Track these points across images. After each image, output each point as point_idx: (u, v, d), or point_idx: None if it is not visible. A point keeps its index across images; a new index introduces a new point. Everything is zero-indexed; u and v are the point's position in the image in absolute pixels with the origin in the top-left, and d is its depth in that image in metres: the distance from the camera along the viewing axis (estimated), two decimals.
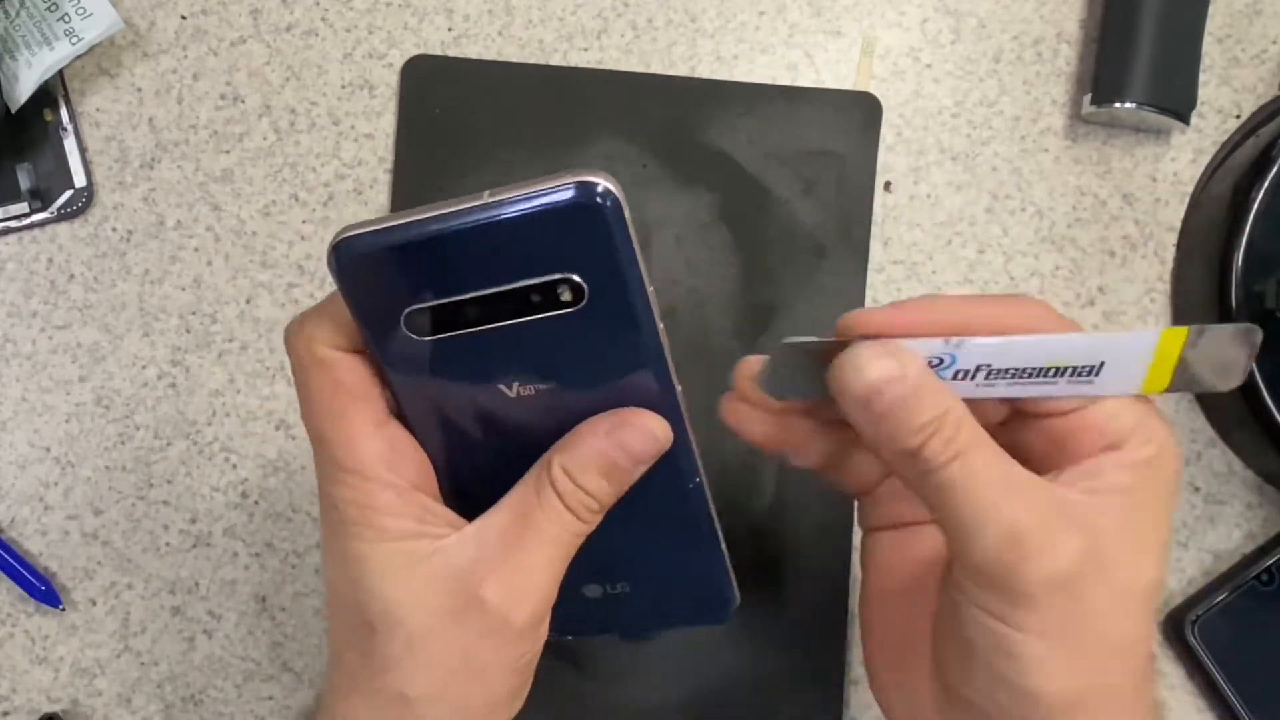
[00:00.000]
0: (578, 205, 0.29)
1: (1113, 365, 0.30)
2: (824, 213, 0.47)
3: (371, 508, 0.31)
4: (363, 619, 0.31)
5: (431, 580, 0.31)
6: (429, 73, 0.48)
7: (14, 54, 0.45)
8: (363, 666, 0.31)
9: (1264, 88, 0.48)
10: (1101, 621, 0.28)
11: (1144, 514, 0.29)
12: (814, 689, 0.46)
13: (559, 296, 0.30)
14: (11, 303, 0.47)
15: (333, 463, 0.31)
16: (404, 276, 0.30)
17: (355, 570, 0.31)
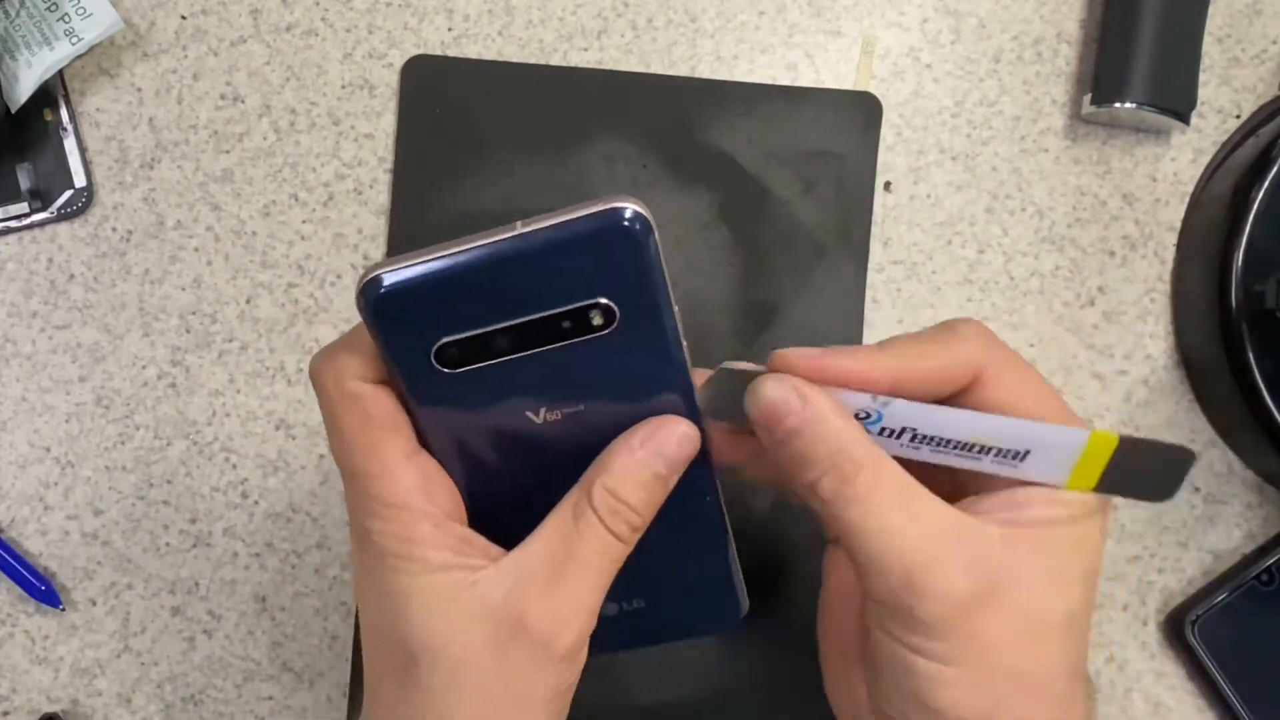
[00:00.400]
0: (608, 230, 0.30)
1: (1039, 454, 0.31)
2: (824, 213, 0.47)
3: (410, 540, 0.31)
4: (404, 651, 0.31)
5: (474, 611, 0.31)
6: (429, 73, 0.48)
7: (14, 54, 0.45)
8: (402, 700, 0.31)
9: (1264, 88, 0.48)
10: (1005, 653, 0.29)
11: (1061, 547, 0.30)
12: (815, 690, 0.46)
13: (590, 321, 0.30)
14: (11, 303, 0.47)
15: (368, 496, 0.31)
16: (435, 311, 0.30)
17: (396, 603, 0.31)
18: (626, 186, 0.47)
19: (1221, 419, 0.47)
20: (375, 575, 0.31)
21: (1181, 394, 0.47)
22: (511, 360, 0.31)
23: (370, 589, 0.32)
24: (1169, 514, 0.47)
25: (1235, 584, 0.45)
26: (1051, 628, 0.30)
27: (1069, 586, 0.30)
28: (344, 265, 0.47)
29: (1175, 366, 0.47)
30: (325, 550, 0.47)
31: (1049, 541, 0.30)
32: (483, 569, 0.31)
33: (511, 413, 0.32)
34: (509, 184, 0.47)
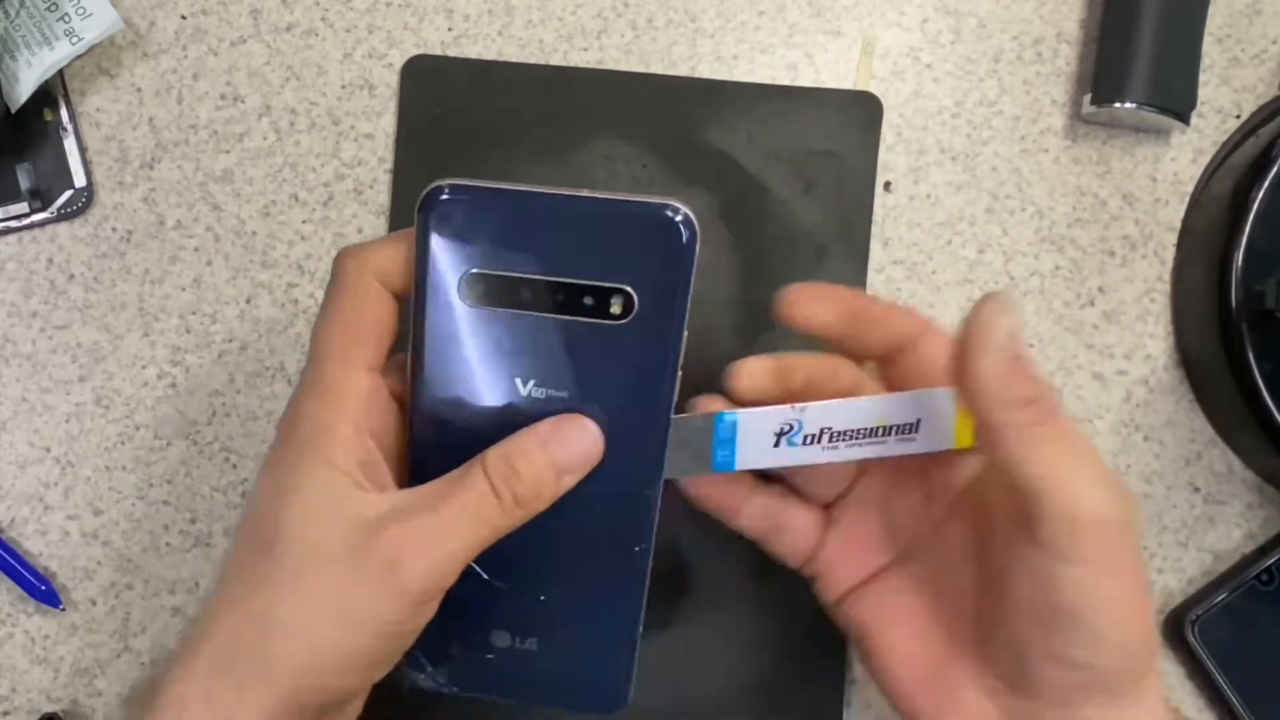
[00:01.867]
0: (659, 222, 0.31)
1: (927, 422, 0.33)
2: (824, 213, 0.47)
3: (328, 433, 0.31)
4: (271, 527, 0.31)
5: (342, 517, 0.31)
6: (429, 72, 0.48)
7: (14, 54, 0.45)
8: (241, 582, 0.31)
9: (1264, 88, 0.48)
10: (1132, 572, 0.30)
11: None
12: (815, 689, 0.46)
13: (609, 306, 0.31)
14: (11, 303, 0.47)
15: (320, 379, 0.32)
16: (476, 238, 0.31)
17: (283, 479, 0.31)
18: (626, 186, 0.47)
19: (1221, 419, 0.47)
20: (282, 452, 0.32)
21: (1181, 394, 0.47)
22: (523, 316, 0.31)
23: (270, 466, 0.32)
24: (1169, 514, 0.47)
25: (1235, 584, 0.45)
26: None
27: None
28: None
29: (1175, 366, 0.47)
30: None
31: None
32: (368, 491, 0.31)
33: (500, 373, 0.32)
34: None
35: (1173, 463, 0.47)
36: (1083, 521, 0.29)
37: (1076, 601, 0.30)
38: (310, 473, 0.31)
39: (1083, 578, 0.29)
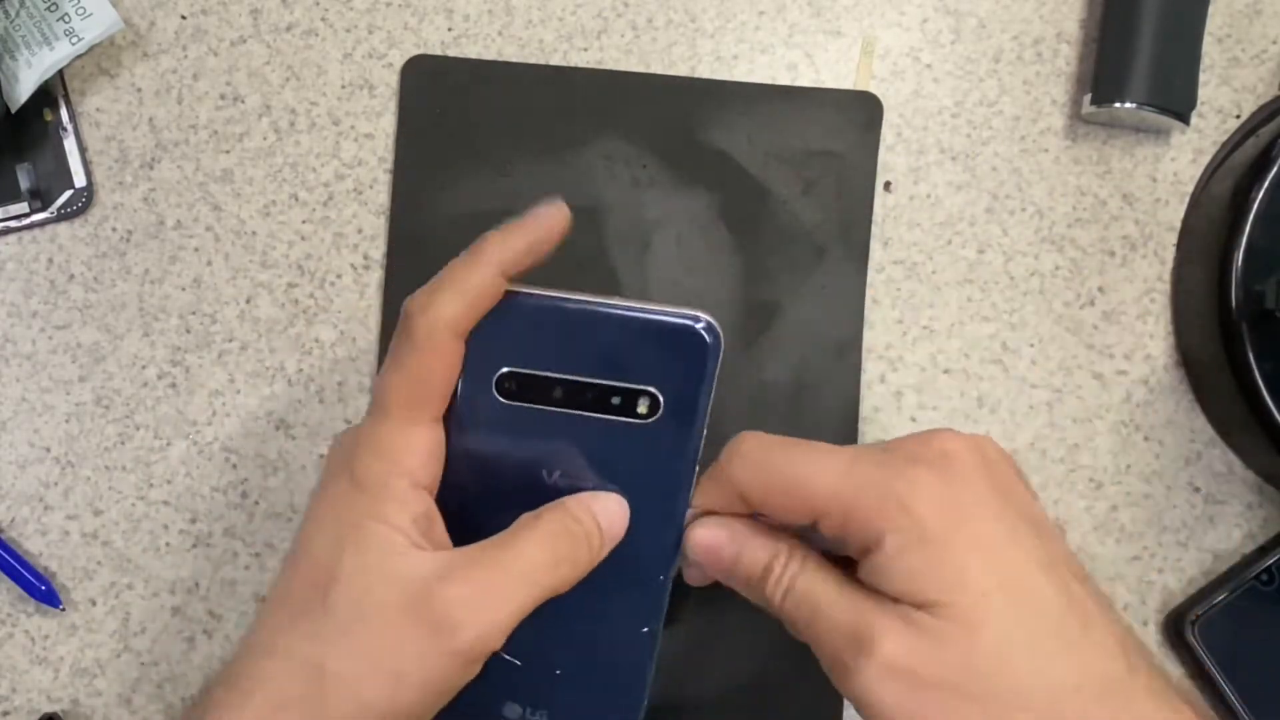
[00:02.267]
0: (685, 332, 0.33)
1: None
2: (824, 213, 0.47)
3: (387, 488, 0.33)
4: (328, 573, 0.32)
5: (398, 576, 0.32)
6: (429, 72, 0.48)
7: (14, 54, 0.45)
8: (294, 629, 0.32)
9: (1264, 88, 0.48)
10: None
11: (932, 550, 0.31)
12: (813, 685, 0.46)
13: (635, 406, 0.34)
14: (11, 303, 0.47)
15: (382, 433, 0.33)
16: (519, 338, 0.34)
17: (342, 533, 0.32)
18: (627, 186, 0.47)
19: (1221, 419, 0.47)
20: (342, 500, 0.33)
21: (1181, 394, 0.47)
22: (553, 413, 0.34)
23: (325, 511, 0.33)
24: (1169, 514, 0.47)
25: (1235, 584, 0.45)
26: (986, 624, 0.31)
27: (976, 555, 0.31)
28: (344, 265, 0.47)
29: (1175, 366, 0.47)
30: None
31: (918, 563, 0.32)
32: (425, 549, 0.32)
33: (529, 462, 0.34)
34: (508, 184, 0.47)
35: (1173, 463, 0.47)
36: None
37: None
38: (369, 528, 0.32)
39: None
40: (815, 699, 0.46)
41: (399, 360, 0.33)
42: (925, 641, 0.31)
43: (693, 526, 0.35)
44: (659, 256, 0.47)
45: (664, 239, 0.47)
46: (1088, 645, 0.31)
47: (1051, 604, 0.31)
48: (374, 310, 0.47)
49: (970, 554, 0.31)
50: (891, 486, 0.31)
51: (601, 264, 0.47)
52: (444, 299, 0.33)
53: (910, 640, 0.31)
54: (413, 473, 0.33)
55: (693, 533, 0.35)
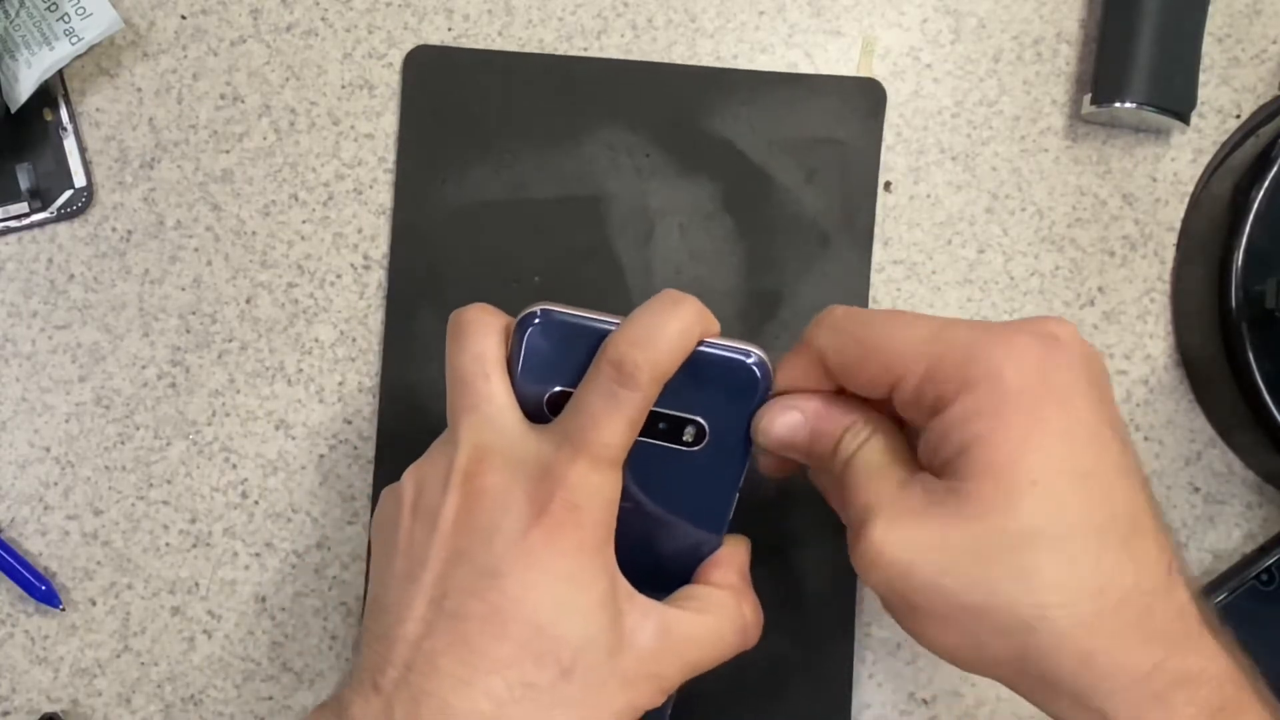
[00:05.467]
0: (735, 366, 0.34)
1: None
2: (828, 200, 0.47)
3: (610, 543, 0.33)
4: (556, 650, 0.31)
5: (629, 642, 0.33)
6: (431, 63, 0.48)
7: (14, 54, 0.45)
8: (533, 701, 0.31)
9: (1264, 88, 0.48)
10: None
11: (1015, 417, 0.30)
12: (823, 678, 0.46)
13: (682, 433, 0.34)
14: (11, 303, 0.47)
15: (609, 481, 0.33)
16: (569, 360, 0.34)
17: (567, 596, 0.32)
18: (630, 175, 0.47)
19: (1221, 419, 0.47)
20: (552, 557, 0.32)
21: (1181, 394, 0.47)
22: None
23: (538, 554, 0.32)
24: (1169, 514, 0.47)
25: (1235, 584, 0.45)
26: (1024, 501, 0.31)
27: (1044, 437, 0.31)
28: (344, 265, 0.47)
29: (1175, 366, 0.47)
30: (325, 550, 0.47)
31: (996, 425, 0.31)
32: (640, 610, 0.33)
33: None
34: (512, 174, 0.47)
35: (1173, 463, 0.47)
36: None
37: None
38: (598, 589, 0.32)
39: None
40: (825, 690, 0.46)
41: (622, 409, 0.32)
42: (931, 524, 0.30)
43: (761, 413, 0.34)
44: (662, 245, 0.47)
45: (667, 228, 0.47)
46: (1125, 553, 0.30)
47: (1107, 502, 0.30)
48: (374, 310, 0.47)
49: (1039, 436, 0.30)
50: (985, 348, 0.30)
51: (605, 253, 0.47)
52: (670, 359, 0.33)
53: (906, 524, 0.30)
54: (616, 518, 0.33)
55: (764, 420, 0.34)
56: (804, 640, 0.46)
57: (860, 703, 0.46)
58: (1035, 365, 0.30)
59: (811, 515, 0.46)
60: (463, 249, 0.47)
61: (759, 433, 0.34)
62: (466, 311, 0.35)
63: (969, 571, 0.30)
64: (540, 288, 0.47)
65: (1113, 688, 0.30)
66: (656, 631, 0.33)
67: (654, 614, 0.33)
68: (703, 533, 0.36)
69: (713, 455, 0.34)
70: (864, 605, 0.46)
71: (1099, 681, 0.30)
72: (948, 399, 0.30)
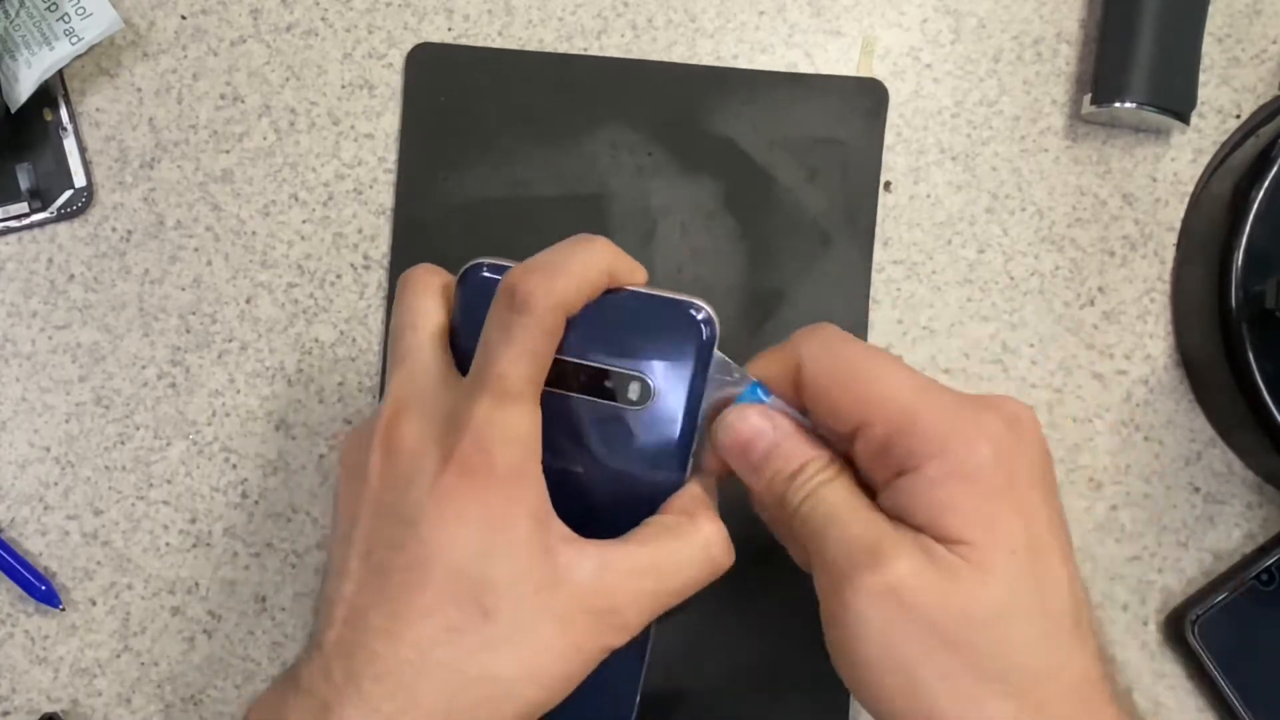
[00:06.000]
0: (684, 314, 0.33)
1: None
2: (829, 200, 0.47)
3: (528, 476, 0.32)
4: (480, 595, 0.31)
5: (561, 575, 0.32)
6: (433, 61, 0.48)
7: (14, 54, 0.45)
8: (452, 642, 0.31)
9: (1264, 88, 0.48)
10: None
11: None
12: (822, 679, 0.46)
13: (627, 391, 0.33)
14: (11, 303, 0.47)
15: (514, 415, 0.32)
16: None
17: (491, 539, 0.31)
18: (631, 174, 0.47)
19: (1221, 419, 0.47)
20: (478, 495, 0.31)
21: (1181, 394, 0.47)
22: (549, 394, 0.33)
23: (459, 500, 0.31)
24: (1169, 514, 0.47)
25: (1235, 584, 0.45)
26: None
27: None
28: (344, 265, 0.47)
29: (1175, 366, 0.47)
30: (325, 550, 0.47)
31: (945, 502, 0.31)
32: (576, 543, 0.32)
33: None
34: (513, 171, 0.47)
35: (1173, 463, 0.47)
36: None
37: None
38: (519, 529, 0.31)
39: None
40: (822, 690, 0.46)
41: (516, 338, 0.31)
42: (935, 574, 0.30)
43: (733, 410, 0.34)
44: (664, 244, 0.47)
45: (669, 226, 0.47)
46: (1076, 641, 0.31)
47: (1060, 591, 0.31)
48: (374, 310, 0.47)
49: (1011, 511, 0.31)
50: (963, 416, 0.31)
51: None
52: (566, 285, 0.32)
53: (921, 569, 0.30)
54: (539, 455, 0.32)
55: (732, 415, 0.34)
56: (802, 641, 0.46)
57: (859, 706, 0.46)
58: (1006, 446, 0.31)
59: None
60: (464, 247, 0.47)
61: (721, 427, 0.34)
62: (411, 271, 0.36)
63: (949, 630, 0.30)
64: None
65: None
66: (596, 567, 0.32)
67: (593, 551, 0.32)
68: (661, 481, 0.35)
69: (662, 409, 0.33)
70: None
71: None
72: (918, 459, 0.31)
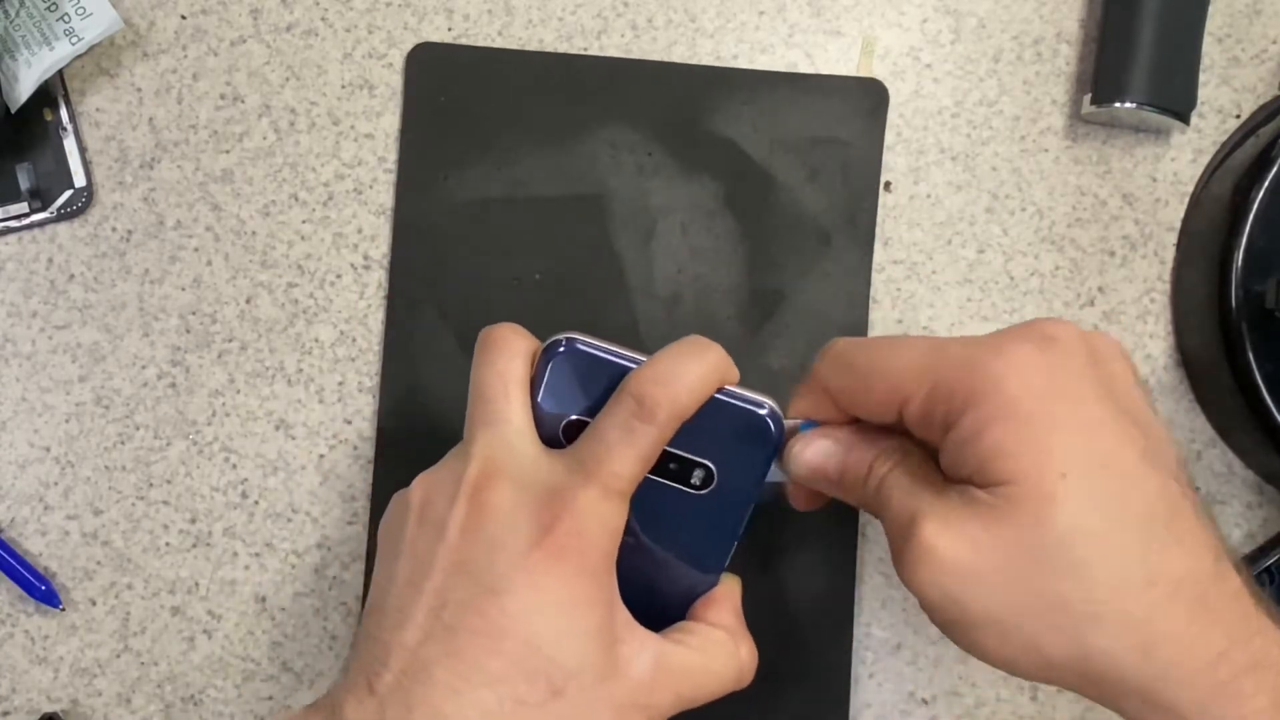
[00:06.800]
0: (755, 416, 0.34)
1: None
2: (829, 200, 0.47)
3: (612, 573, 0.33)
4: (550, 670, 0.31)
5: (626, 670, 0.33)
6: (434, 60, 0.48)
7: (14, 54, 0.45)
8: (514, 714, 0.31)
9: (1264, 88, 0.48)
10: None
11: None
12: (821, 678, 0.46)
13: (690, 477, 0.35)
14: (11, 303, 0.47)
15: (612, 510, 0.33)
16: (589, 392, 0.34)
17: (572, 623, 0.32)
18: (631, 174, 0.47)
19: (1221, 419, 0.47)
20: (552, 580, 0.32)
21: (1181, 394, 0.47)
22: None
23: (536, 589, 0.32)
24: None
25: None
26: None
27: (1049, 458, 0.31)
28: (344, 265, 0.47)
29: (1175, 366, 0.47)
30: (325, 550, 0.47)
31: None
32: (641, 640, 0.33)
33: None
34: (513, 171, 0.47)
35: None
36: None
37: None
38: (595, 617, 0.32)
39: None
40: (822, 689, 0.46)
41: (637, 443, 0.33)
42: (972, 524, 0.30)
43: (794, 444, 0.35)
44: (664, 244, 0.47)
45: (669, 226, 0.47)
46: (1172, 541, 0.30)
47: (1139, 493, 0.30)
48: (374, 310, 0.47)
49: (1055, 433, 0.30)
50: (982, 361, 0.31)
51: (606, 251, 0.47)
52: (689, 400, 0.33)
53: (946, 527, 0.30)
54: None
55: (797, 447, 0.35)
56: (802, 640, 0.46)
57: (860, 702, 0.46)
58: (1035, 368, 0.30)
59: (810, 515, 0.46)
60: (464, 246, 0.47)
61: (790, 460, 0.35)
62: (497, 329, 0.36)
63: (1020, 571, 0.29)
64: (541, 286, 0.47)
65: (1179, 679, 0.29)
66: (652, 663, 0.33)
67: (650, 645, 0.33)
68: (701, 572, 0.36)
69: (718, 500, 0.35)
70: (863, 605, 0.46)
71: (1164, 674, 0.29)
72: (955, 414, 0.31)
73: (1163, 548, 0.29)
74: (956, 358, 0.31)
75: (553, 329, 0.36)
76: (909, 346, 0.33)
